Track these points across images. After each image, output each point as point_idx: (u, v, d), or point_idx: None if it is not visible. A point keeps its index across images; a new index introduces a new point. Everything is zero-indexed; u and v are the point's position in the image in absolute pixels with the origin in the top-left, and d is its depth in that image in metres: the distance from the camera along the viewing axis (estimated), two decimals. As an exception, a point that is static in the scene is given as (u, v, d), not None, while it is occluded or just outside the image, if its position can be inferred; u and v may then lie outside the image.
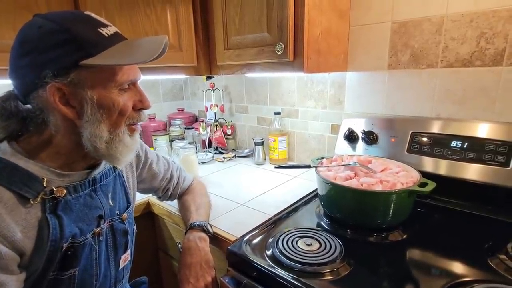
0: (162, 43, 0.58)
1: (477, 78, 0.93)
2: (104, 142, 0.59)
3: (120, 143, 0.62)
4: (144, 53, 0.57)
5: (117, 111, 0.60)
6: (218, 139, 1.69)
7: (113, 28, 0.60)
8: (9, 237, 0.51)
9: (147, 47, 0.58)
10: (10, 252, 0.51)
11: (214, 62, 1.24)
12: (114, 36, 0.58)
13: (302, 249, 0.74)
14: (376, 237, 0.82)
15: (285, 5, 0.93)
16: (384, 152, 1.05)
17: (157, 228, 1.18)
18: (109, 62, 0.55)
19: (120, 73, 0.58)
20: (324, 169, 0.95)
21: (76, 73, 0.54)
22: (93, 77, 0.56)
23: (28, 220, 0.54)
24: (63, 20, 0.54)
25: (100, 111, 0.58)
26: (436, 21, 0.96)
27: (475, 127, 0.90)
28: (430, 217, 0.93)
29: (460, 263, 0.70)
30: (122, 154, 0.63)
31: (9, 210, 0.52)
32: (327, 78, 1.28)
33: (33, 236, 0.55)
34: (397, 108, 1.11)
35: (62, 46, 0.53)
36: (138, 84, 0.65)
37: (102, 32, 0.56)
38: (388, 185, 0.82)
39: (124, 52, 0.57)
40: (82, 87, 0.56)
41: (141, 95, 0.64)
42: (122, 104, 0.60)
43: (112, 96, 0.58)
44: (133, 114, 0.64)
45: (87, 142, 0.58)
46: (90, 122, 0.57)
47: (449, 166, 0.93)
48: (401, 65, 1.06)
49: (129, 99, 0.62)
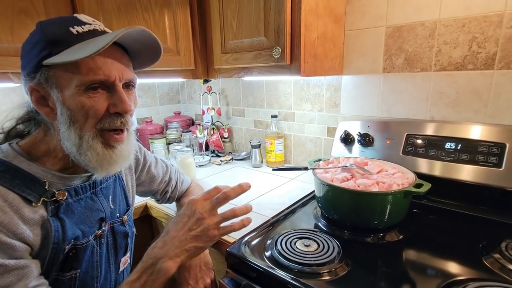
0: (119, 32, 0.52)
1: (470, 81, 0.95)
2: (73, 146, 0.56)
3: (90, 150, 0.57)
4: (94, 46, 0.51)
5: (83, 113, 0.55)
6: (215, 142, 1.70)
7: (92, 26, 0.56)
8: (19, 234, 0.52)
9: (101, 39, 0.53)
10: (23, 245, 0.52)
11: (212, 66, 1.25)
12: (86, 34, 0.55)
13: (300, 250, 0.75)
14: (373, 237, 0.83)
15: (282, 10, 0.94)
16: (379, 154, 1.07)
17: (155, 231, 1.18)
18: (60, 60, 0.51)
19: (85, 71, 0.53)
20: (321, 171, 0.97)
21: (41, 73, 0.53)
22: (58, 77, 0.53)
23: (34, 219, 0.55)
24: (46, 22, 0.55)
25: (68, 113, 0.54)
26: (429, 26, 0.99)
27: (468, 129, 0.92)
28: (425, 218, 0.94)
29: (455, 262, 0.71)
30: (94, 162, 0.57)
31: (16, 209, 0.52)
32: (323, 81, 1.30)
33: (40, 234, 0.55)
34: (392, 111, 1.13)
35: (34, 48, 0.54)
36: (118, 85, 0.57)
37: (72, 30, 0.54)
38: (384, 186, 0.83)
39: (81, 48, 0.52)
40: (50, 87, 0.54)
41: (117, 96, 0.56)
42: (88, 106, 0.54)
43: (77, 97, 0.54)
44: (106, 117, 0.57)
45: (63, 145, 0.57)
46: (62, 124, 0.55)
47: (443, 167, 0.94)
48: (396, 69, 1.08)
49: (100, 101, 0.55)
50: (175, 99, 2.01)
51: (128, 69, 0.59)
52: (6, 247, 0.50)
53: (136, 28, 0.55)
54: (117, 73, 0.56)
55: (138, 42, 0.59)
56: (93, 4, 1.05)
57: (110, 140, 0.59)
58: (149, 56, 0.64)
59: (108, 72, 0.55)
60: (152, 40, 0.60)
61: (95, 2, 1.06)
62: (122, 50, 0.59)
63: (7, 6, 0.92)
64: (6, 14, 0.92)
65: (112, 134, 0.59)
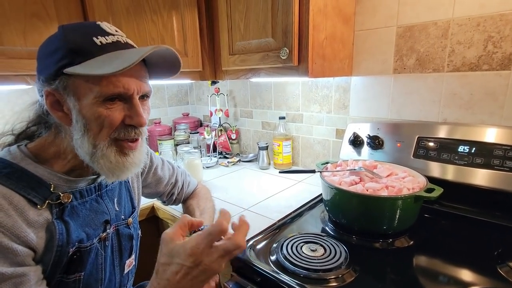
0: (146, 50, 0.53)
1: (485, 82, 0.92)
2: (86, 153, 0.57)
3: (104, 159, 0.57)
4: (121, 62, 0.52)
5: (99, 124, 0.55)
6: (223, 143, 1.69)
7: (115, 38, 0.56)
8: (22, 237, 0.52)
9: (128, 55, 0.53)
10: (25, 249, 0.52)
11: (219, 67, 1.25)
12: (110, 45, 0.55)
13: (306, 255, 0.73)
14: (382, 243, 0.81)
15: (290, 11, 0.93)
16: (389, 157, 1.05)
17: (162, 233, 1.18)
18: (84, 72, 0.51)
19: (105, 83, 0.53)
20: (329, 174, 0.95)
21: (61, 80, 0.54)
22: (77, 86, 0.54)
23: (39, 222, 0.55)
24: (69, 28, 0.55)
25: (83, 121, 0.55)
26: (442, 25, 0.96)
27: (483, 132, 0.89)
28: (437, 223, 0.91)
29: (468, 270, 0.69)
30: (106, 170, 0.58)
31: (20, 212, 0.53)
32: (331, 82, 1.28)
33: (44, 237, 0.55)
34: (403, 113, 1.10)
35: (54, 54, 0.54)
36: (135, 98, 0.57)
37: (96, 40, 0.54)
38: (394, 191, 0.81)
39: (106, 61, 0.53)
40: (68, 94, 0.55)
41: (134, 110, 0.57)
42: (104, 116, 0.55)
43: (94, 107, 0.54)
44: (122, 129, 0.58)
45: (77, 150, 0.58)
46: (76, 131, 0.56)
47: (456, 171, 0.91)
48: (407, 70, 1.06)
49: (116, 112, 0.56)
50: (184, 100, 2.02)
51: (146, 82, 0.60)
52: (8, 252, 0.49)
53: (162, 48, 0.55)
54: (135, 86, 0.57)
55: (158, 55, 0.59)
56: (102, 7, 1.06)
57: (124, 148, 0.60)
58: (167, 71, 0.64)
59: (127, 85, 0.55)
60: (173, 57, 0.60)
61: (105, 5, 1.07)
62: (141, 62, 0.59)
63: (19, 9, 0.94)
64: (19, 17, 0.94)
65: (127, 142, 0.60)
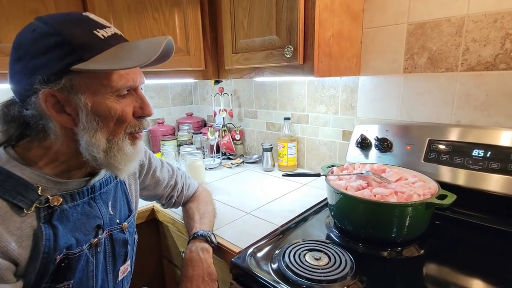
0: (162, 44, 0.53)
1: (502, 82, 0.86)
2: (101, 151, 0.56)
3: (120, 152, 0.58)
4: (140, 56, 0.52)
5: (114, 119, 0.56)
6: (226, 144, 1.66)
7: (112, 30, 0.56)
8: (2, 247, 0.49)
9: (144, 49, 0.54)
10: (4, 262, 0.49)
11: (222, 66, 1.21)
12: (111, 38, 0.54)
13: (310, 264, 0.69)
14: (390, 252, 0.76)
15: (295, 7, 0.89)
16: (399, 160, 1.00)
17: (161, 235, 1.15)
18: (102, 67, 0.51)
19: (117, 78, 0.54)
20: (334, 178, 0.91)
21: (68, 78, 0.51)
22: (87, 83, 0.53)
23: (23, 230, 0.52)
24: (57, 22, 0.51)
25: (96, 119, 0.54)
26: (456, 22, 0.91)
27: (498, 135, 0.84)
28: (448, 231, 0.87)
29: (482, 281, 0.65)
30: (122, 163, 0.59)
31: (2, 220, 0.50)
32: (338, 82, 1.24)
33: (28, 246, 0.53)
34: (413, 114, 1.05)
35: (53, 50, 0.50)
36: (140, 89, 0.60)
37: (98, 34, 0.53)
38: (403, 197, 0.76)
39: (120, 55, 0.52)
40: (75, 93, 0.52)
41: (142, 101, 0.60)
42: (119, 111, 0.56)
43: (108, 103, 0.55)
44: (134, 121, 0.60)
45: (84, 151, 0.56)
46: (86, 130, 0.54)
47: (470, 176, 0.86)
48: (418, 69, 1.01)
49: (128, 106, 0.58)
50: (188, 100, 2.00)
51: (142, 72, 0.61)
52: None
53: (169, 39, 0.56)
54: (139, 78, 0.59)
55: None
56: (103, 4, 1.05)
57: (136, 139, 0.62)
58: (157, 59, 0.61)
59: (135, 78, 0.57)
60: (170, 47, 0.60)
61: (106, 2, 1.05)
62: None
63: (18, 6, 0.92)
64: (18, 15, 0.92)
65: (138, 133, 0.62)
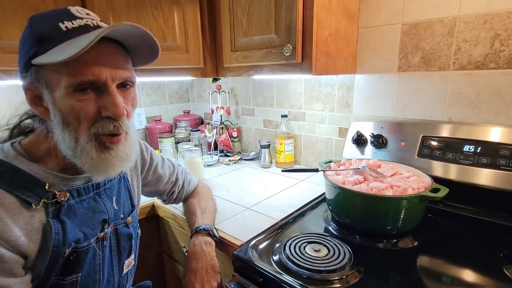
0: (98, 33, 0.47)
1: (491, 81, 0.90)
2: (68, 149, 0.53)
3: (84, 154, 0.53)
4: (77, 46, 0.46)
5: (75, 117, 0.51)
6: (224, 141, 1.68)
7: (84, 21, 0.52)
8: (12, 241, 0.50)
9: (85, 39, 0.48)
10: (14, 255, 0.50)
11: (221, 64, 1.23)
12: (77, 30, 0.50)
13: (310, 255, 0.72)
14: (386, 243, 0.80)
15: (294, 7, 0.91)
16: (393, 156, 1.03)
17: (162, 231, 1.17)
18: (45, 61, 0.47)
19: (73, 72, 0.49)
20: (332, 173, 0.93)
21: (31, 72, 0.51)
22: (47, 77, 0.50)
23: (32, 224, 0.53)
24: (38, 17, 0.52)
25: (60, 115, 0.52)
26: (448, 23, 0.94)
27: (488, 131, 0.88)
28: (441, 224, 0.90)
29: (473, 272, 0.68)
30: (90, 166, 0.55)
31: (12, 214, 0.51)
32: (335, 80, 1.26)
33: (38, 240, 0.53)
34: (407, 112, 1.08)
35: (24, 46, 0.51)
36: (112, 86, 0.53)
37: (62, 26, 0.50)
38: (399, 190, 0.79)
39: (65, 48, 0.48)
40: (42, 87, 0.52)
41: (109, 100, 0.52)
42: (78, 109, 0.51)
43: (66, 99, 0.50)
44: (100, 122, 0.53)
45: (59, 146, 0.54)
46: (56, 126, 0.53)
47: (461, 171, 0.90)
48: (412, 68, 1.04)
49: (89, 103, 0.51)
50: (185, 97, 2.00)
51: (124, 67, 0.54)
52: None
53: (123, 25, 0.49)
54: (109, 72, 0.51)
55: (134, 37, 0.54)
56: (102, 2, 1.05)
57: (106, 142, 0.55)
58: (148, 53, 0.59)
59: (98, 72, 0.50)
60: (148, 37, 0.54)
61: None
62: (117, 45, 0.55)
63: (17, 4, 0.92)
64: (17, 12, 0.92)
65: (107, 137, 0.55)
